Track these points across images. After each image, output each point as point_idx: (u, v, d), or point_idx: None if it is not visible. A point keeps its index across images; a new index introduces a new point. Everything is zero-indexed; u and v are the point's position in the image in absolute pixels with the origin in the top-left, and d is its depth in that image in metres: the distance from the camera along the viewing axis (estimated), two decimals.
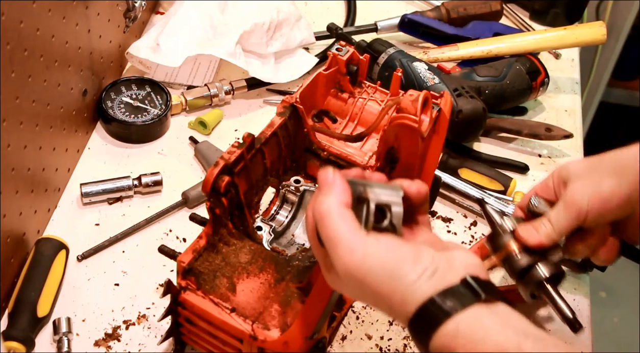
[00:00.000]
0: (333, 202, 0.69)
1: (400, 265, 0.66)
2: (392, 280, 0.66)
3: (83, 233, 1.05)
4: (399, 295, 0.66)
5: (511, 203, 1.13)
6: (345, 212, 0.68)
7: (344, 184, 0.70)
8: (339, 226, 0.68)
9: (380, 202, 0.69)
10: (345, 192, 0.70)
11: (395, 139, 0.94)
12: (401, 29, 1.39)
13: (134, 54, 1.20)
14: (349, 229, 0.67)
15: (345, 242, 0.67)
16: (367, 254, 0.67)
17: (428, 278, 0.66)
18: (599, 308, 2.29)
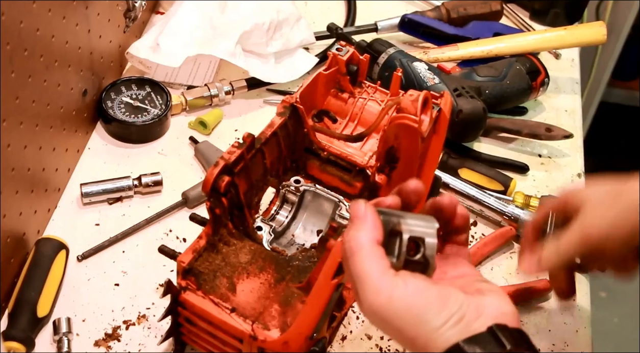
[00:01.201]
0: (364, 239, 0.67)
1: (425, 311, 0.65)
2: (416, 325, 0.65)
3: (83, 233, 1.05)
4: (423, 341, 0.65)
5: (511, 203, 1.13)
6: (375, 250, 0.67)
7: (376, 219, 0.68)
8: (368, 265, 0.66)
9: (413, 235, 0.67)
10: (376, 228, 0.68)
11: (395, 138, 0.94)
12: (401, 29, 1.39)
13: (134, 54, 1.20)
14: (377, 269, 0.66)
15: (372, 283, 0.66)
16: (393, 297, 0.65)
17: (453, 325, 0.64)
18: (599, 308, 2.29)
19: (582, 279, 1.09)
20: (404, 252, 0.67)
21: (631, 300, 2.33)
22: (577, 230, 0.82)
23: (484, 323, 0.64)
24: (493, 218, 1.12)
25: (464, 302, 0.66)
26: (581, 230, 0.82)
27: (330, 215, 1.01)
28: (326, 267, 0.77)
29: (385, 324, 0.67)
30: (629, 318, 2.29)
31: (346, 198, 1.00)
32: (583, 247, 0.82)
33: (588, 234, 0.81)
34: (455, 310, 0.65)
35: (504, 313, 0.66)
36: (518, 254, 1.03)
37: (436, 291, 0.66)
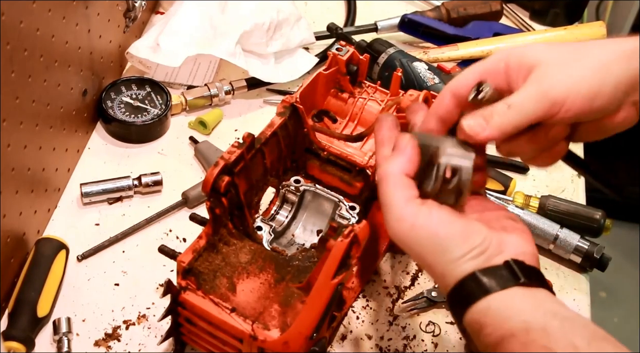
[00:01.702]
0: (395, 169, 0.71)
1: (447, 242, 0.68)
2: (436, 254, 0.68)
3: (83, 233, 1.05)
4: (440, 269, 0.68)
5: (511, 203, 1.13)
6: (403, 179, 0.70)
7: (414, 153, 0.71)
8: (393, 193, 0.70)
9: (451, 163, 0.70)
10: (411, 162, 0.71)
11: None
12: (401, 29, 1.39)
13: (134, 54, 1.20)
14: (402, 197, 0.69)
15: (396, 210, 0.69)
16: (415, 225, 0.69)
17: (472, 258, 0.67)
18: (599, 308, 2.29)
19: (582, 279, 1.09)
20: (440, 178, 0.70)
21: (631, 300, 2.33)
22: (533, 88, 0.71)
23: (503, 259, 0.67)
24: None
25: (487, 237, 0.68)
26: (539, 86, 0.71)
27: (330, 215, 1.01)
28: (326, 267, 0.77)
29: (407, 249, 0.70)
30: (629, 318, 2.29)
31: (346, 198, 1.00)
32: (541, 104, 0.71)
33: (547, 90, 0.71)
34: (477, 243, 0.68)
35: (524, 252, 0.68)
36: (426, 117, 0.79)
37: (460, 224, 0.69)
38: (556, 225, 1.09)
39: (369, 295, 1.03)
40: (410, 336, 0.99)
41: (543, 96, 0.71)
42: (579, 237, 1.08)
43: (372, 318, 1.01)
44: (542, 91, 0.71)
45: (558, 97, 0.70)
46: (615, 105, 0.73)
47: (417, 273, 1.06)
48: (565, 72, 0.72)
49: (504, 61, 0.74)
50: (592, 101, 0.71)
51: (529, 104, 0.71)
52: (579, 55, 0.73)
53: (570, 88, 0.71)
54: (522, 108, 0.71)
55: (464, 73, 0.76)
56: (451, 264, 0.68)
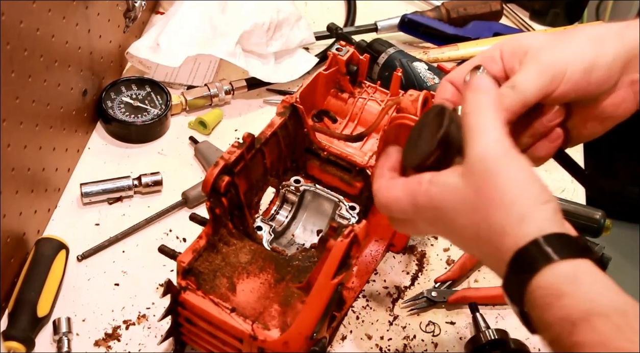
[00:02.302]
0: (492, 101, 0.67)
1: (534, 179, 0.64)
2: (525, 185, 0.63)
3: (83, 233, 1.05)
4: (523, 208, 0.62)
5: None
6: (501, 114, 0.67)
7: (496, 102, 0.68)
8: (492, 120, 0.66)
9: None
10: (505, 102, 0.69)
11: (395, 138, 0.94)
12: (401, 29, 1.39)
13: (134, 54, 1.20)
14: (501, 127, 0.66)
15: (496, 132, 0.65)
16: (510, 151, 0.64)
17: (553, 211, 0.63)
18: None
19: None
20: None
21: None
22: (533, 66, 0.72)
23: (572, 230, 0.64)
24: None
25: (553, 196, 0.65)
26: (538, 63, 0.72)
27: (330, 215, 1.01)
28: (326, 267, 0.77)
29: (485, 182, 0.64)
30: None
31: (346, 198, 1.00)
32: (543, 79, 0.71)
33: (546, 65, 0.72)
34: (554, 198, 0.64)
35: None
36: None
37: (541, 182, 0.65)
38: None
39: (369, 295, 1.03)
40: (410, 336, 0.99)
41: (544, 71, 0.71)
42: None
43: (372, 318, 1.01)
44: (542, 66, 0.72)
45: (558, 70, 0.71)
46: (613, 80, 0.73)
47: (417, 274, 1.06)
48: (560, 48, 0.73)
49: (498, 50, 0.75)
50: (589, 73, 0.72)
51: (532, 81, 0.71)
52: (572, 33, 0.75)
53: (568, 60, 0.72)
54: (526, 86, 0.71)
55: (462, 65, 0.77)
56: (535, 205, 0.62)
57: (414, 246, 1.09)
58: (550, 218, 0.63)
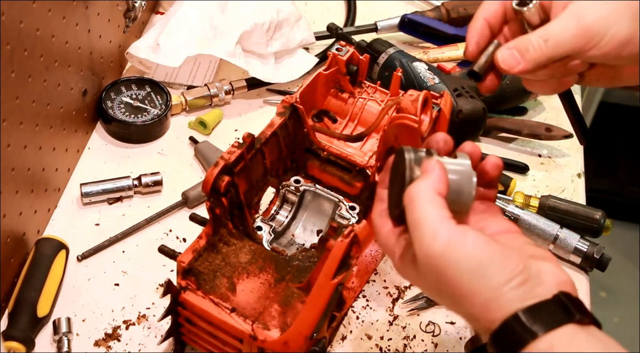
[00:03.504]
0: (426, 187, 0.65)
1: (487, 264, 0.61)
2: (476, 277, 0.61)
3: (83, 233, 1.05)
4: (482, 298, 0.61)
5: (511, 203, 1.13)
6: (437, 198, 0.65)
7: (443, 174, 0.66)
8: (427, 211, 0.64)
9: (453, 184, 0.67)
10: (442, 181, 0.66)
11: (395, 139, 0.95)
12: (401, 29, 1.39)
13: (134, 54, 1.20)
14: (437, 215, 0.64)
15: (430, 226, 0.63)
16: (451, 242, 0.62)
17: (517, 286, 0.61)
18: (599, 308, 2.29)
19: (582, 279, 1.09)
20: None
21: (631, 300, 2.33)
22: (572, 21, 0.71)
23: (548, 290, 0.61)
24: None
25: (526, 264, 0.62)
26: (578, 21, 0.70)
27: (330, 215, 1.01)
28: (326, 267, 0.77)
29: (439, 276, 0.63)
30: (629, 318, 2.30)
31: (346, 198, 1.00)
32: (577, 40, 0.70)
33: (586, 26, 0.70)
34: (519, 270, 0.62)
35: (563, 281, 0.64)
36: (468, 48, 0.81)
37: (498, 247, 0.63)
38: (556, 225, 1.09)
39: (369, 295, 1.03)
40: (410, 336, 0.99)
41: (582, 32, 0.70)
42: (579, 237, 1.08)
43: (372, 318, 1.01)
44: (582, 26, 0.70)
45: (596, 35, 0.70)
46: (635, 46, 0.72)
47: None
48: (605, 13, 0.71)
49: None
50: (624, 47, 0.71)
51: (566, 38, 0.70)
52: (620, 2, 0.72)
53: (608, 28, 0.70)
54: (559, 43, 0.70)
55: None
56: (495, 291, 0.61)
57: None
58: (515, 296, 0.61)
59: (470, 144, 0.72)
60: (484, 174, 0.72)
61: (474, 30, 0.78)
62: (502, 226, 0.71)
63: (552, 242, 1.08)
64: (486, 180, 0.72)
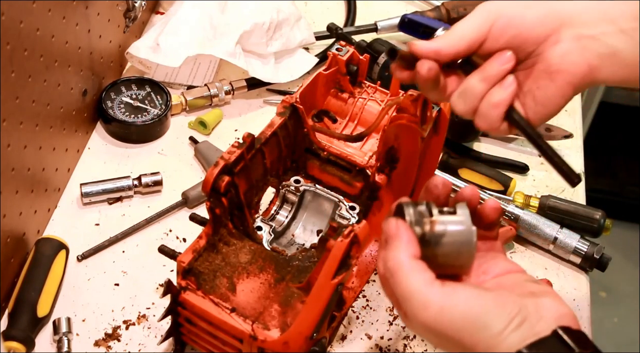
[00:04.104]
0: (402, 256, 0.66)
1: (483, 316, 0.63)
2: (475, 332, 0.63)
3: (83, 233, 1.05)
4: (483, 347, 0.62)
5: (511, 203, 1.13)
6: (415, 264, 0.65)
7: (410, 234, 0.67)
8: (412, 281, 0.64)
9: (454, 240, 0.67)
10: (412, 243, 0.66)
11: (395, 138, 0.95)
12: (401, 29, 1.38)
13: (134, 54, 1.20)
14: (422, 283, 0.64)
15: (420, 297, 0.64)
16: (444, 307, 0.63)
17: (515, 329, 0.62)
18: (599, 308, 2.29)
19: (582, 279, 1.09)
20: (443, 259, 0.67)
21: (631, 300, 2.33)
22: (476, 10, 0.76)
23: (547, 326, 0.63)
24: None
25: (522, 303, 0.64)
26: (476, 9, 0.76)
27: (330, 215, 1.01)
28: (326, 267, 0.77)
29: (440, 338, 0.64)
30: (629, 318, 2.30)
31: (346, 198, 1.00)
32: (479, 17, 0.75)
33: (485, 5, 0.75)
34: (515, 312, 0.63)
35: (563, 315, 0.65)
36: None
37: (491, 295, 0.64)
38: (556, 225, 1.09)
39: (369, 295, 1.03)
40: (410, 336, 0.99)
41: (480, 11, 0.75)
42: (579, 237, 1.08)
43: (372, 318, 1.01)
44: (478, 8, 0.75)
45: (492, 7, 0.75)
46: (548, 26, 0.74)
47: None
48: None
49: None
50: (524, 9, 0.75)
51: (468, 19, 0.75)
52: None
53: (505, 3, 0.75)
54: (462, 23, 0.75)
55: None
56: (495, 339, 0.62)
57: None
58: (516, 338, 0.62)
59: (469, 189, 0.72)
60: (484, 217, 0.72)
61: None
62: (504, 267, 0.71)
63: (552, 242, 1.08)
64: (485, 223, 0.72)
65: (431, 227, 0.67)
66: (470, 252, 0.67)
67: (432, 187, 0.72)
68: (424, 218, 0.68)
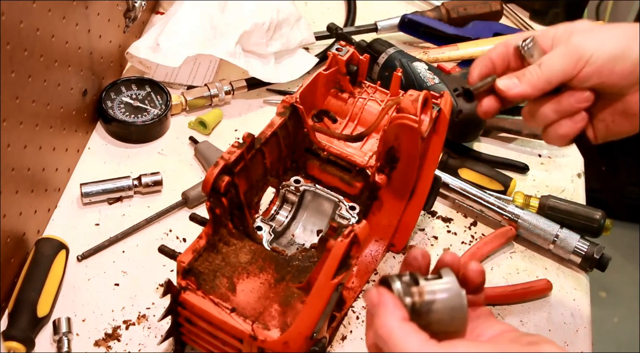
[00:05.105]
0: (391, 321, 0.65)
1: None
2: None
3: (83, 233, 1.05)
4: None
5: (511, 203, 1.13)
6: (408, 326, 0.65)
7: (394, 299, 0.66)
8: (407, 344, 0.64)
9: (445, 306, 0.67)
10: (398, 307, 0.66)
11: (395, 138, 0.95)
12: (401, 29, 1.39)
13: (134, 54, 1.20)
14: (419, 344, 0.64)
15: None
16: None
17: None
18: (599, 308, 2.29)
19: (582, 279, 1.09)
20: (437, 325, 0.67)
21: (631, 300, 2.33)
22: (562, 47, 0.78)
23: None
24: (493, 218, 1.12)
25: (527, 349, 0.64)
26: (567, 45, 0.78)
27: (330, 215, 1.01)
28: (326, 267, 0.77)
29: None
30: (629, 318, 2.30)
31: (346, 198, 1.00)
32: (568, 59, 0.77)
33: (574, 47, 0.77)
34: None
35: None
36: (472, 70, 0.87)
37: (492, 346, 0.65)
38: (556, 225, 1.09)
39: None
40: None
41: (570, 52, 0.77)
42: (579, 237, 1.08)
43: None
44: (570, 48, 0.78)
45: (584, 52, 0.77)
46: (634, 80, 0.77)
47: None
48: (592, 35, 0.78)
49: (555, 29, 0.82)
50: (614, 62, 0.77)
51: (558, 60, 0.78)
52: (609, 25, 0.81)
53: (596, 46, 0.77)
54: (551, 64, 0.78)
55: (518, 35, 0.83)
56: None
57: (413, 246, 1.09)
58: None
59: (449, 256, 0.72)
60: (469, 282, 0.72)
61: (479, 62, 0.84)
62: (497, 329, 0.71)
63: (552, 242, 1.08)
64: (472, 288, 0.72)
65: (420, 296, 0.67)
66: (462, 316, 0.67)
67: (411, 259, 0.72)
68: (411, 288, 0.68)
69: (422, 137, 0.91)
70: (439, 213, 1.14)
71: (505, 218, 1.11)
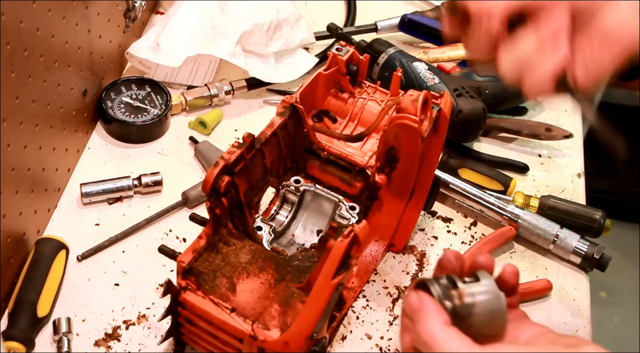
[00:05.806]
0: (434, 326, 0.65)
1: None
2: None
3: (83, 233, 1.05)
4: None
5: (511, 203, 1.13)
6: (451, 331, 0.64)
7: (435, 303, 0.66)
8: (452, 348, 0.63)
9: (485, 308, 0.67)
10: (440, 311, 0.66)
11: (395, 138, 0.95)
12: (401, 29, 1.39)
13: (134, 54, 1.20)
14: (462, 346, 0.63)
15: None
16: None
17: None
18: (599, 308, 2.29)
19: (582, 279, 1.09)
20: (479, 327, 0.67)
21: (631, 300, 2.33)
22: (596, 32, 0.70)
23: None
24: (493, 218, 1.12)
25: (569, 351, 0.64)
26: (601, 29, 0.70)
27: (330, 215, 1.01)
28: (326, 267, 0.77)
29: None
30: (629, 318, 2.30)
31: (346, 198, 1.00)
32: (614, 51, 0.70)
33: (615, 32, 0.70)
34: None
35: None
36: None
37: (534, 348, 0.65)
38: (556, 225, 1.09)
39: (369, 295, 1.03)
40: None
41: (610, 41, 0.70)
42: (579, 237, 1.08)
43: (372, 318, 1.01)
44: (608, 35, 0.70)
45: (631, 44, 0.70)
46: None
47: (417, 273, 1.06)
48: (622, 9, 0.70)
49: None
50: None
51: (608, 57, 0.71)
52: None
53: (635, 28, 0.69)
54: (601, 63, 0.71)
55: None
56: None
57: (413, 246, 1.09)
58: None
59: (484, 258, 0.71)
60: (504, 283, 0.72)
61: None
62: (534, 331, 0.71)
63: (552, 242, 1.08)
64: (507, 289, 0.72)
65: (460, 299, 0.67)
66: (502, 318, 0.68)
67: (445, 262, 0.72)
68: (450, 291, 0.68)
69: (422, 137, 0.91)
70: (439, 213, 1.14)
71: (505, 218, 1.11)
